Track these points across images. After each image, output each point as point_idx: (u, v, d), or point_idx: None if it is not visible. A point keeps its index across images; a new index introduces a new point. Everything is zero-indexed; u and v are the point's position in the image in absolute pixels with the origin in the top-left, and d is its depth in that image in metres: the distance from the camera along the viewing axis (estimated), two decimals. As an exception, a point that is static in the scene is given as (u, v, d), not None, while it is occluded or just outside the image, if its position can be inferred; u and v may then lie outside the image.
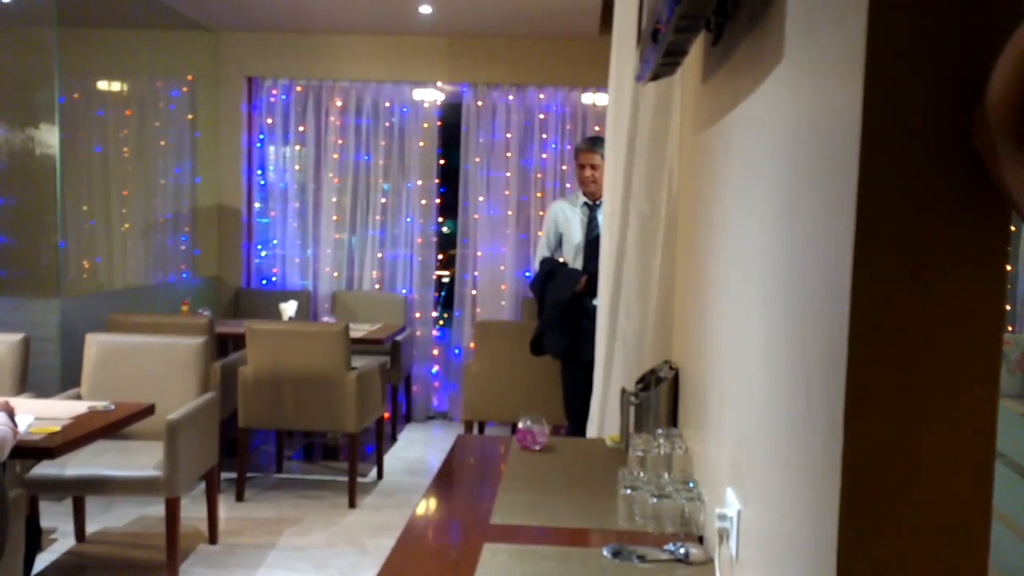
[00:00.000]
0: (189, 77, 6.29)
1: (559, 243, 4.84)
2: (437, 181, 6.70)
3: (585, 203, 4.74)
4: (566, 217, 4.79)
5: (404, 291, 6.67)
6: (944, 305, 0.88)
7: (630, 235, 2.85)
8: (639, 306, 2.84)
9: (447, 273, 7.20)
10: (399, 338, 5.94)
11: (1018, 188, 0.77)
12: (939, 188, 0.88)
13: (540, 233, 5.88)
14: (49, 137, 4.63)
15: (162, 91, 5.98)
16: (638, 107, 2.77)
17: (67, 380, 4.50)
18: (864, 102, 0.89)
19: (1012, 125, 0.76)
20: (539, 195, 6.56)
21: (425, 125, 6.62)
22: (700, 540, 1.83)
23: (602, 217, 3.16)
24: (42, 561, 3.78)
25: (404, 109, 6.64)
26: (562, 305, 4.49)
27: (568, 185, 6.38)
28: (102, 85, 5.31)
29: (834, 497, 0.92)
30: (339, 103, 6.61)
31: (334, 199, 6.64)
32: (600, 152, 4.62)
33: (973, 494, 0.89)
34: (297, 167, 6.72)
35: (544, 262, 4.78)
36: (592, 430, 3.12)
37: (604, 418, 2.96)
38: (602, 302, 3.03)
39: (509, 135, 6.55)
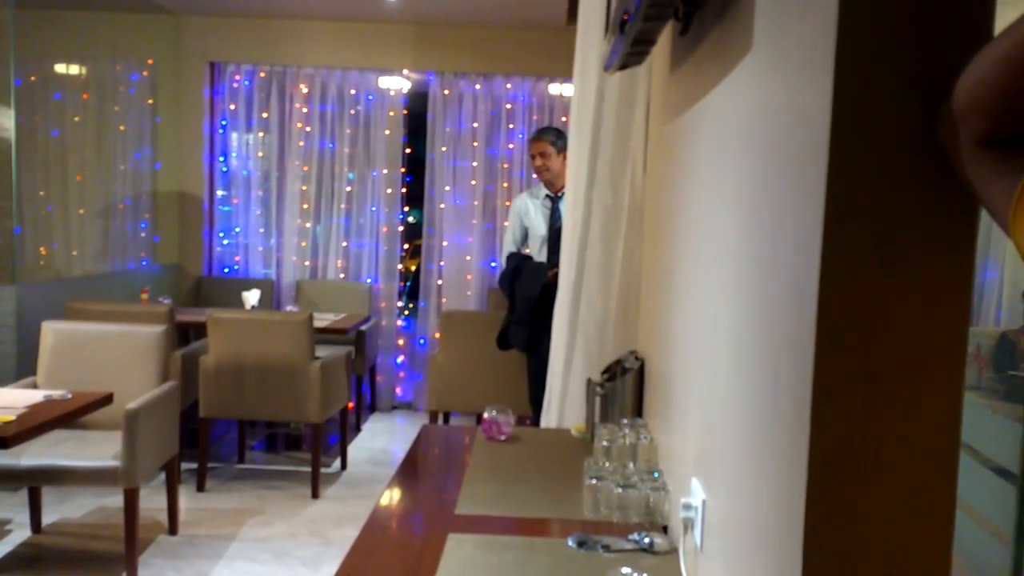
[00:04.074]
0: (150, 61, 6.18)
1: (524, 237, 4.84)
2: (403, 170, 6.66)
3: (548, 195, 4.74)
4: (529, 210, 4.79)
5: (369, 280, 6.62)
6: (911, 295, 0.88)
7: (593, 226, 2.85)
8: (601, 297, 2.84)
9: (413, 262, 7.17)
10: (364, 328, 5.90)
11: (981, 186, 0.78)
12: (908, 179, 0.88)
13: (506, 224, 5.88)
14: (4, 120, 4.52)
15: (122, 75, 5.86)
16: (603, 97, 2.76)
17: (23, 368, 4.41)
18: (834, 92, 0.88)
19: (980, 128, 0.77)
20: (505, 185, 6.55)
21: (391, 113, 6.57)
22: (664, 530, 1.84)
23: (564, 208, 3.15)
24: (-4, 553, 3.71)
25: (370, 97, 6.58)
26: (533, 300, 4.48)
27: (534, 176, 6.37)
28: (60, 68, 5.19)
29: (800, 486, 0.92)
30: (304, 89, 6.54)
31: (298, 187, 6.56)
32: (549, 140, 4.63)
33: (938, 483, 0.89)
34: (260, 154, 6.63)
35: (510, 257, 4.78)
36: (550, 420, 3.12)
37: (564, 409, 2.96)
38: (563, 292, 3.02)
39: (476, 124, 6.52)
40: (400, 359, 6.79)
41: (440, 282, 6.60)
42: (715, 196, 1.50)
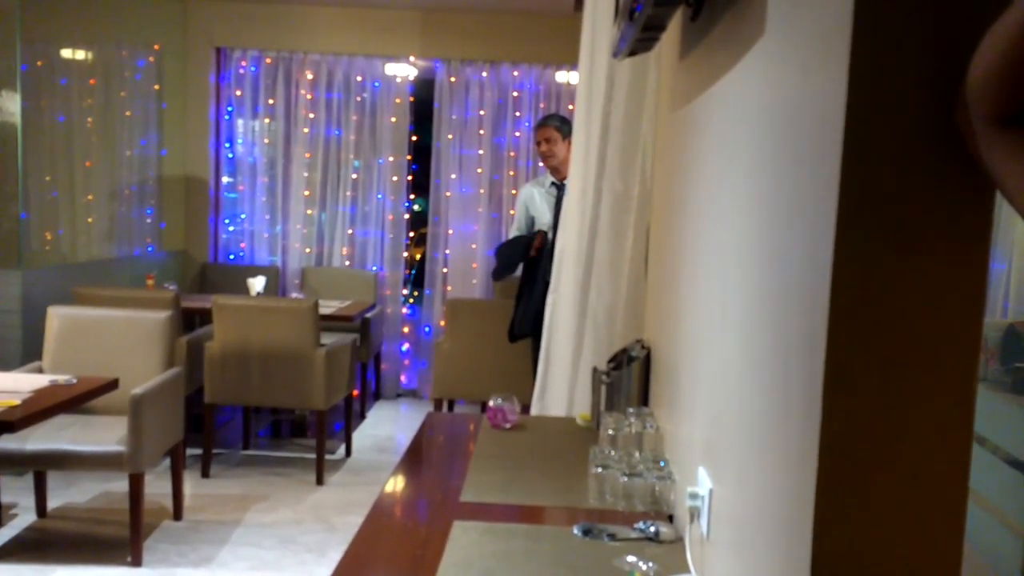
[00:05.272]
0: (156, 46, 6.16)
1: (531, 225, 4.84)
2: (409, 158, 6.64)
3: (553, 183, 4.74)
4: (535, 199, 4.79)
5: (374, 268, 6.62)
6: (926, 284, 0.87)
7: (603, 213, 2.84)
8: (610, 285, 2.83)
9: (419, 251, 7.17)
10: (369, 315, 5.90)
11: (997, 169, 0.77)
12: (923, 166, 0.87)
13: (512, 212, 5.87)
14: (10, 105, 4.51)
15: (128, 60, 5.85)
16: (613, 84, 2.75)
17: (28, 353, 4.41)
18: (849, 78, 0.87)
19: (990, 109, 0.76)
20: (512, 173, 6.53)
21: (397, 100, 6.55)
22: (670, 519, 1.83)
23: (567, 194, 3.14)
24: (2, 536, 3.72)
25: (376, 84, 6.56)
26: (514, 258, 4.54)
27: (540, 164, 6.36)
28: (66, 53, 5.18)
29: (811, 476, 0.91)
30: (310, 76, 6.52)
31: (304, 174, 6.55)
32: (554, 125, 4.62)
33: (950, 473, 0.88)
34: (266, 141, 6.62)
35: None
36: (543, 408, 3.11)
37: (573, 397, 2.96)
38: (568, 280, 3.00)
39: (482, 112, 6.50)
40: (405, 347, 6.79)
41: (445, 270, 6.60)
42: (726, 183, 1.49)
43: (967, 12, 0.86)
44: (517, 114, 6.51)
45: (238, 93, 6.57)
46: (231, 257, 6.68)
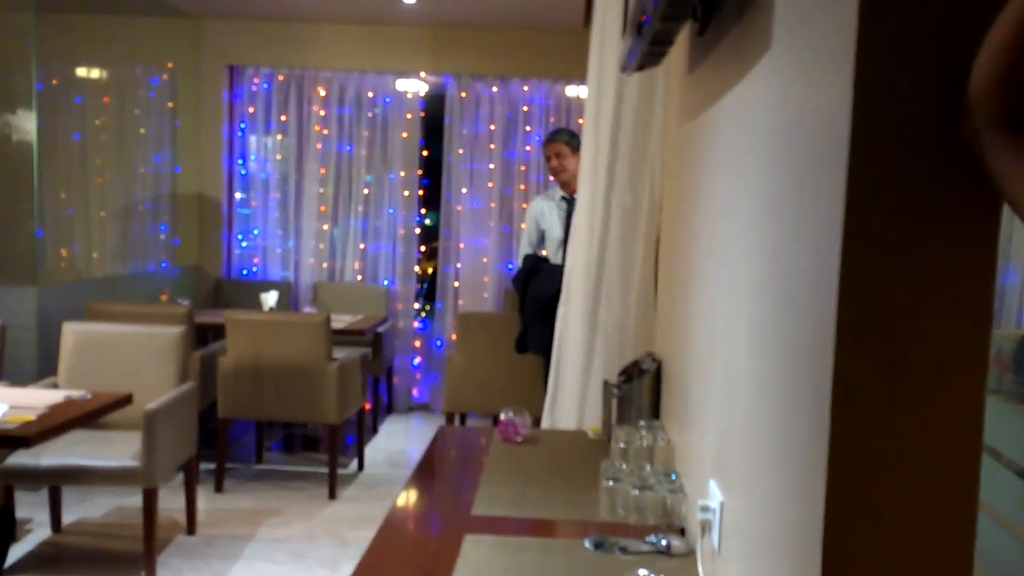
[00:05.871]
0: (169, 64, 6.22)
1: (541, 239, 4.85)
2: (420, 173, 6.67)
3: (563, 197, 4.76)
4: (545, 213, 4.81)
5: (386, 283, 6.64)
6: (933, 297, 0.87)
7: (612, 227, 2.84)
8: (620, 298, 2.84)
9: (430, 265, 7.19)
10: (380, 329, 5.92)
11: (1002, 176, 0.77)
12: (929, 178, 0.87)
13: (523, 226, 5.89)
14: (26, 123, 4.57)
15: (142, 78, 5.91)
16: (622, 99, 2.76)
17: (44, 369, 4.45)
18: (854, 90, 0.87)
19: (994, 113, 0.76)
20: (522, 188, 6.55)
21: (408, 116, 6.59)
22: (682, 532, 1.83)
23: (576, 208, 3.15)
24: (17, 552, 3.74)
25: (387, 99, 6.60)
26: (545, 299, 4.48)
27: (551, 179, 6.37)
28: (81, 72, 5.24)
29: (820, 488, 0.91)
30: (322, 92, 6.56)
31: (316, 190, 6.59)
32: (563, 140, 4.64)
33: (959, 485, 0.88)
34: (279, 157, 6.67)
35: (527, 259, 4.79)
36: (553, 421, 3.11)
37: (584, 410, 2.96)
38: (578, 294, 3.01)
39: (493, 127, 6.53)
40: (417, 360, 6.80)
41: (457, 284, 6.61)
42: (733, 197, 1.49)
43: (973, 24, 0.86)
44: (527, 128, 6.54)
45: (251, 110, 6.62)
46: (244, 273, 6.72)
